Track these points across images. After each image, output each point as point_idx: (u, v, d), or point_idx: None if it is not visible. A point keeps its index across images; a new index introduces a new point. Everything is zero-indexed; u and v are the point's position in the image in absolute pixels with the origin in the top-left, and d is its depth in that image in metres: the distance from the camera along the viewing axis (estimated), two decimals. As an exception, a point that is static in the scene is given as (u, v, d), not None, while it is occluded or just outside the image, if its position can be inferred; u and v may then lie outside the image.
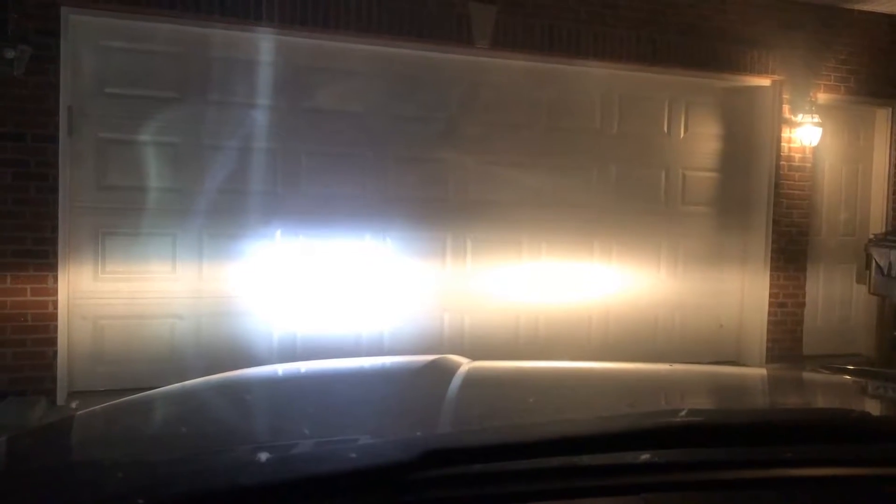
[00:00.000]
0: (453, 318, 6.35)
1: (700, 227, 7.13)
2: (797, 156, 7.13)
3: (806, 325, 7.28)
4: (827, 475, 1.31)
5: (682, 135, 7.02)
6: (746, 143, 7.23)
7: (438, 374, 2.02)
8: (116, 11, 5.31)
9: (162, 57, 5.59)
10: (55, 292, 5.23)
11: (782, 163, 7.07)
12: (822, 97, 7.17)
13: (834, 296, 7.61)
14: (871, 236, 7.27)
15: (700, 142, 7.09)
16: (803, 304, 7.25)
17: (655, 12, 6.56)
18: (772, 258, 7.09)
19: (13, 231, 5.12)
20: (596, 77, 6.62)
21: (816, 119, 6.99)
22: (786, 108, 7.07)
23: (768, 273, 7.09)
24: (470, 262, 6.39)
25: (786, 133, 7.08)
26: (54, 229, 5.21)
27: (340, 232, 6.01)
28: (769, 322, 7.10)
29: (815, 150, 7.18)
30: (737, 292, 7.30)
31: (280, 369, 2.39)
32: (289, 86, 5.86)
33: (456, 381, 1.94)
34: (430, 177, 6.23)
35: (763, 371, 4.04)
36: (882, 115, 7.69)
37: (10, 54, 4.87)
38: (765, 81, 7.10)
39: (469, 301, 6.37)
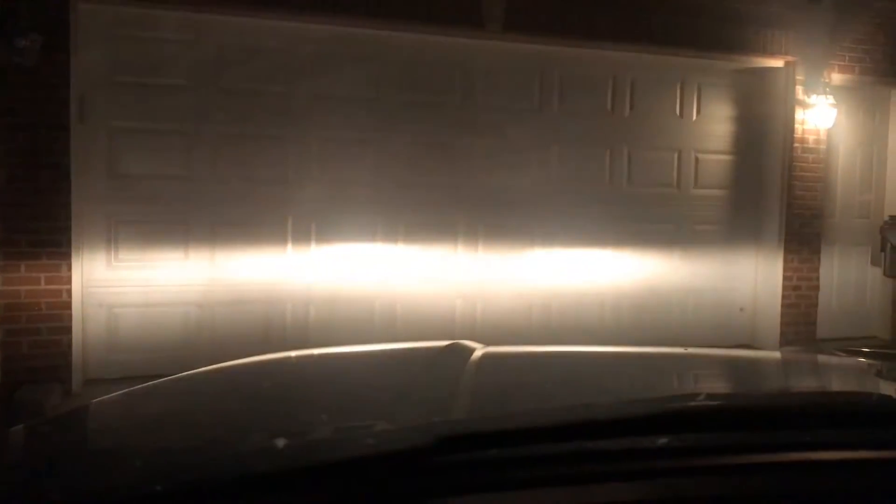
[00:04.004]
0: (466, 303, 6.35)
1: (713, 210, 7.09)
2: (811, 137, 7.05)
3: (821, 308, 7.22)
4: (844, 458, 1.30)
5: (694, 117, 6.97)
6: (760, 124, 7.16)
7: (453, 359, 2.01)
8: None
9: (172, 45, 5.59)
10: (69, 281, 5.24)
11: (796, 145, 7.00)
12: (836, 77, 7.08)
13: (849, 278, 7.56)
14: (887, 218, 7.23)
15: (713, 124, 7.04)
16: (818, 287, 7.19)
17: (667, -7, 6.49)
18: (786, 241, 7.03)
19: (26, 220, 5.13)
20: (608, 60, 6.58)
21: (831, 100, 6.89)
22: (799, 89, 6.98)
23: (782, 256, 7.04)
24: (482, 248, 6.38)
25: (799, 114, 7.00)
26: (67, 218, 5.22)
27: (352, 218, 6.00)
28: (783, 305, 7.05)
29: (829, 131, 7.10)
30: (751, 275, 7.26)
31: (294, 356, 2.39)
32: (299, 72, 5.84)
33: (470, 367, 1.94)
34: (442, 162, 6.22)
35: (778, 355, 4.03)
36: (898, 95, 7.60)
37: (20, 44, 4.86)
38: (778, 62, 7.03)
39: (481, 287, 6.37)
